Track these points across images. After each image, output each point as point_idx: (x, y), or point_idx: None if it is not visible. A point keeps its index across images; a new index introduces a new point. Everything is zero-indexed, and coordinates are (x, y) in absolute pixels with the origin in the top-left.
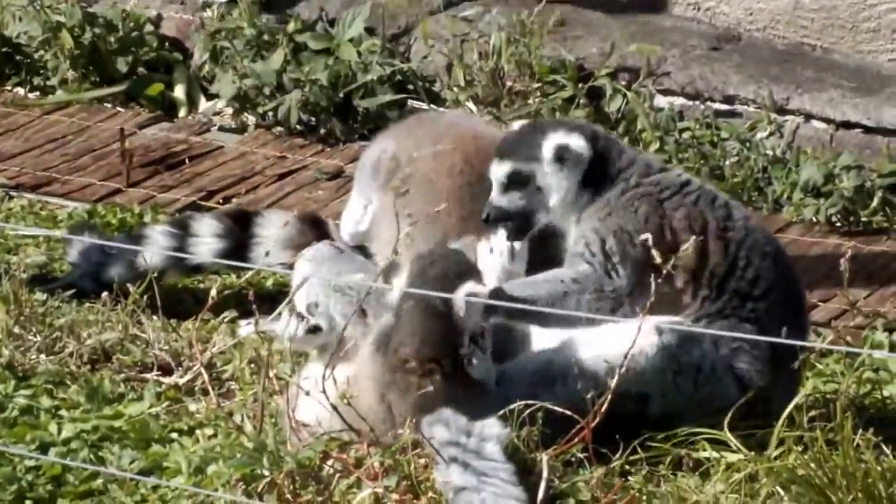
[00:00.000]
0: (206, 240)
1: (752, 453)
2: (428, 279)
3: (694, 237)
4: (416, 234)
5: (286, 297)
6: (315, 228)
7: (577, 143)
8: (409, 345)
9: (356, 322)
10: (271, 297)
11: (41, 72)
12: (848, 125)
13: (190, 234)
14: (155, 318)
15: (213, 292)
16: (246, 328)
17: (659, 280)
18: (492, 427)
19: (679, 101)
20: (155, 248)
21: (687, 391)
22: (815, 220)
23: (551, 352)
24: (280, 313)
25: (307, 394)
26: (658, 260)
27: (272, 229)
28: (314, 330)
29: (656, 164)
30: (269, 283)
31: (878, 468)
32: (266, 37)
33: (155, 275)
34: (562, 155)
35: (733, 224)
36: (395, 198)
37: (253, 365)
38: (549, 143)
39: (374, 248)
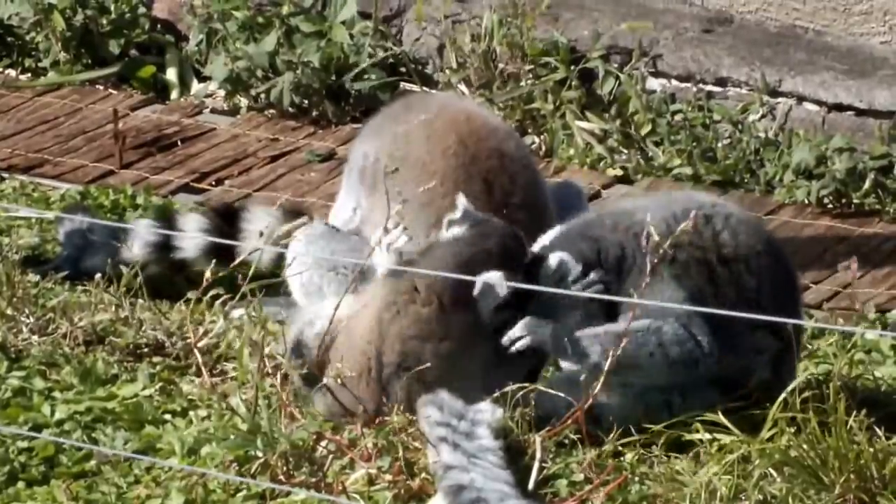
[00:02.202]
0: (192, 234)
1: (745, 435)
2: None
3: (694, 211)
4: (409, 216)
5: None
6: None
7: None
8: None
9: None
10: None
11: (33, 53)
12: (840, 107)
13: (176, 229)
14: (144, 300)
15: (207, 274)
16: (237, 311)
17: (655, 261)
18: (484, 412)
19: (671, 83)
20: (140, 241)
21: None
22: (806, 202)
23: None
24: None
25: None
26: (655, 237)
27: (259, 224)
28: None
29: None
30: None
31: (871, 449)
32: (259, 19)
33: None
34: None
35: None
36: (384, 175)
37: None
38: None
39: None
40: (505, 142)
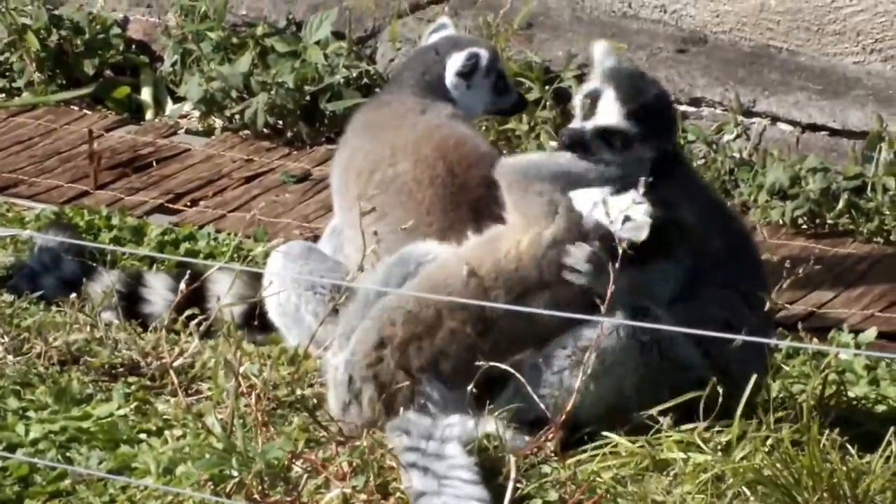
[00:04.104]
0: (162, 292)
1: (719, 454)
2: None
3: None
4: (395, 245)
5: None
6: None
7: None
8: None
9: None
10: None
11: (7, 74)
12: (814, 127)
13: (143, 285)
14: (119, 321)
15: (181, 286)
16: None
17: None
18: (453, 427)
19: None
20: (102, 287)
21: (654, 364)
22: (781, 222)
23: None
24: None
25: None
26: None
27: (225, 284)
28: None
29: None
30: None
31: (844, 468)
32: (234, 40)
33: (99, 308)
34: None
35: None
36: (360, 215)
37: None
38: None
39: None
40: (493, 168)
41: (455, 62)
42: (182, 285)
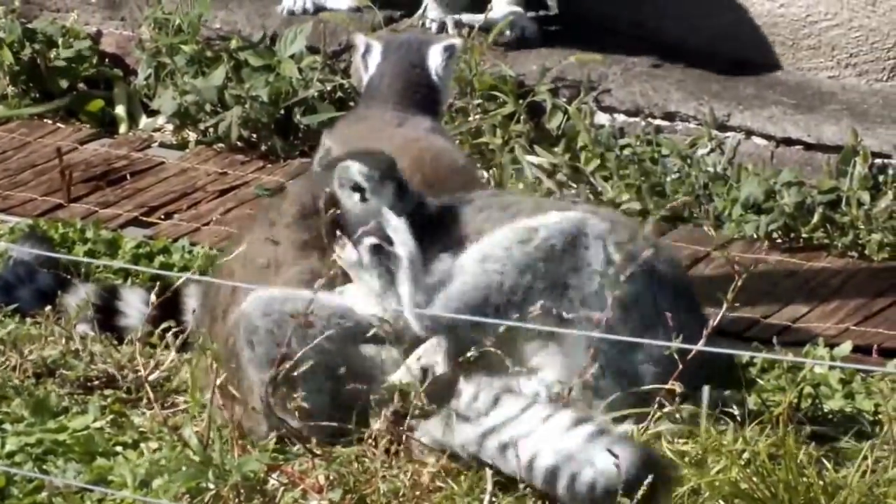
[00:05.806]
0: (137, 305)
1: (694, 468)
2: None
3: None
4: None
5: None
6: None
7: None
8: None
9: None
10: None
11: None
12: (789, 142)
13: (118, 298)
14: (95, 333)
15: (152, 297)
16: None
17: None
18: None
19: (620, 117)
20: (77, 299)
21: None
22: (755, 236)
23: None
24: None
25: None
26: None
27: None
28: None
29: None
30: None
31: (820, 482)
32: (208, 53)
33: (74, 321)
34: None
35: None
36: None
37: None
38: None
39: None
40: (470, 184)
41: (437, 51)
42: (153, 297)
